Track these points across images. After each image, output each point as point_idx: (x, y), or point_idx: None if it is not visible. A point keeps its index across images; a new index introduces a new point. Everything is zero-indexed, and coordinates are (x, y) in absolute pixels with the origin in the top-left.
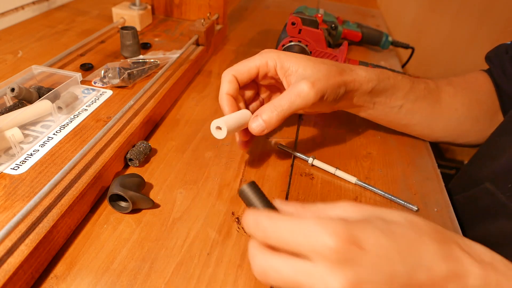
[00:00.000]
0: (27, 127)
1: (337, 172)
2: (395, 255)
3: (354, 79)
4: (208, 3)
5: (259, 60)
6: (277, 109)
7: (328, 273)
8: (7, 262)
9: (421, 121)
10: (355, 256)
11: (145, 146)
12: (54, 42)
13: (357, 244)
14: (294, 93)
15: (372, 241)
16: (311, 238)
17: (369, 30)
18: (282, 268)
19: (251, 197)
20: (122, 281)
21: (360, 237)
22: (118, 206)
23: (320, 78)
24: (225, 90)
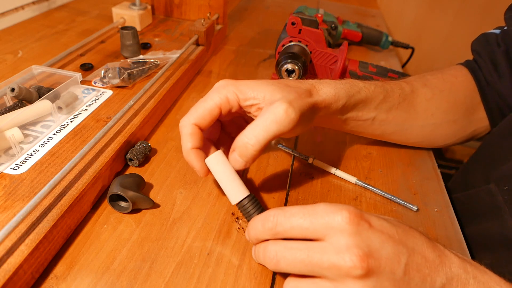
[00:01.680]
0: (27, 127)
1: (337, 172)
2: (396, 236)
3: (323, 99)
4: (208, 3)
5: (218, 98)
6: (251, 142)
7: (342, 242)
8: (7, 262)
9: (395, 130)
10: (366, 229)
11: (145, 146)
12: (54, 42)
13: (366, 220)
14: (270, 117)
15: (376, 221)
16: (325, 216)
17: (369, 30)
18: (297, 247)
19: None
20: (122, 281)
21: (366, 216)
22: (118, 206)
23: (294, 99)
24: (189, 145)
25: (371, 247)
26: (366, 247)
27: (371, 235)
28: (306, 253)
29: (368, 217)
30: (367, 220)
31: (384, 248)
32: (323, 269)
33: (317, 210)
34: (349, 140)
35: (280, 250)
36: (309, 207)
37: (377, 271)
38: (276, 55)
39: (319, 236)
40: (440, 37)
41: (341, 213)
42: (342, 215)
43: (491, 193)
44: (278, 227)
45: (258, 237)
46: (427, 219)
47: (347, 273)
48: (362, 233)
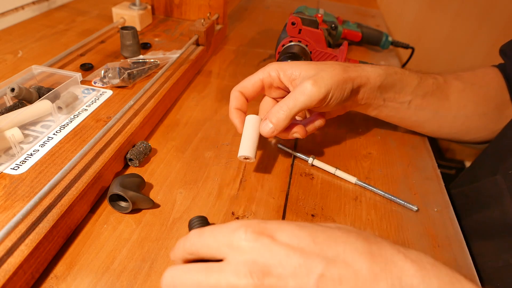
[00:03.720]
0: (27, 127)
1: (337, 172)
2: (311, 246)
3: (360, 75)
4: (208, 3)
5: (262, 73)
6: (282, 109)
7: (239, 259)
8: (7, 262)
9: (430, 118)
10: (266, 244)
11: (145, 146)
12: (54, 42)
13: (268, 234)
14: (298, 91)
15: (285, 233)
16: (227, 234)
17: (369, 30)
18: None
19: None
20: (122, 281)
21: (271, 229)
22: (118, 206)
23: (323, 76)
24: (233, 105)
25: (271, 263)
26: (264, 264)
27: (273, 249)
28: (204, 275)
29: (273, 231)
30: (270, 234)
31: (288, 262)
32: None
33: (223, 229)
34: (349, 140)
35: (177, 274)
36: (219, 227)
37: (279, 285)
38: (276, 55)
39: (222, 255)
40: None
41: (240, 230)
42: (240, 232)
43: (496, 184)
44: (192, 246)
45: (177, 257)
46: (427, 219)
47: None
48: (260, 249)
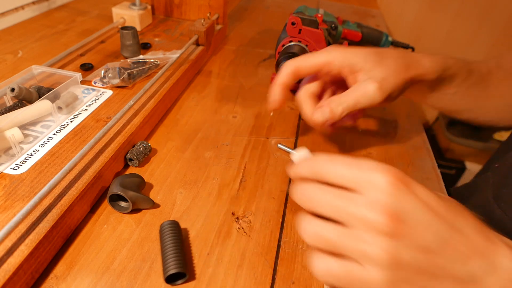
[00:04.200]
0: (27, 127)
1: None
2: (442, 212)
3: (421, 73)
4: (208, 3)
5: (325, 58)
6: (342, 104)
7: (376, 197)
8: (7, 262)
9: (470, 107)
10: (406, 194)
11: (145, 146)
12: (54, 42)
13: (408, 186)
14: (361, 91)
15: (423, 192)
16: (368, 172)
17: (369, 30)
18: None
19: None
20: (122, 281)
21: (413, 184)
22: (118, 206)
23: (387, 78)
24: (281, 80)
25: (406, 210)
26: (400, 209)
27: (410, 200)
28: (340, 200)
29: (412, 183)
30: (410, 185)
31: (420, 214)
32: (354, 220)
33: (362, 165)
34: (349, 140)
35: (316, 192)
36: (356, 160)
37: (407, 234)
38: (276, 55)
39: (357, 188)
40: (440, 37)
41: (385, 174)
42: (386, 176)
43: (487, 179)
44: (323, 170)
45: (301, 175)
46: None
47: (375, 228)
48: (400, 196)
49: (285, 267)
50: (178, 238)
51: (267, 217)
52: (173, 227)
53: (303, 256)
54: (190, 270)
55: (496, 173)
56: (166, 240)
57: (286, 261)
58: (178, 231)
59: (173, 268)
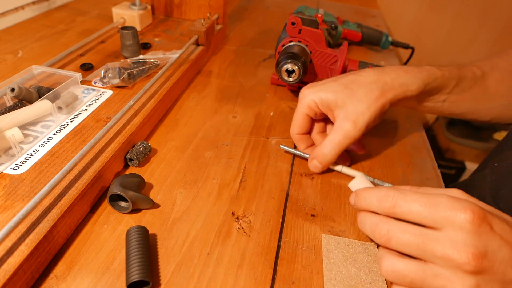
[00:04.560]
0: (27, 127)
1: (344, 169)
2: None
3: (397, 93)
4: (208, 3)
5: (302, 108)
6: (329, 154)
7: (460, 237)
8: (7, 262)
9: (465, 110)
10: (486, 232)
11: (145, 146)
12: (54, 42)
13: (488, 223)
14: (339, 133)
15: (499, 225)
16: (448, 210)
17: (369, 30)
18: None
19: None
20: (122, 281)
21: (490, 218)
22: (118, 206)
23: (362, 112)
24: (302, 148)
25: (488, 249)
26: (483, 247)
27: (491, 238)
28: (421, 239)
29: (491, 219)
30: (489, 222)
31: (501, 252)
32: (434, 258)
33: (439, 202)
34: None
35: (393, 229)
36: (431, 197)
37: (489, 271)
38: (276, 55)
39: (436, 226)
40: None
41: (465, 212)
42: (466, 214)
43: (484, 177)
44: (396, 208)
45: (368, 208)
46: None
47: (458, 266)
48: (482, 234)
49: (285, 267)
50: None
51: (267, 217)
52: (136, 233)
53: (303, 256)
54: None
55: (495, 171)
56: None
57: (286, 261)
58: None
59: (135, 275)
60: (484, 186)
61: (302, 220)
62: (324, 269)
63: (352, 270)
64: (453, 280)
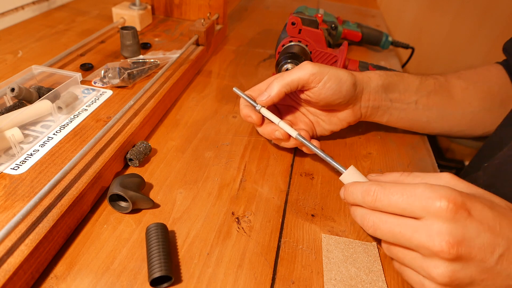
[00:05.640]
0: (27, 127)
1: (280, 123)
2: (497, 227)
3: (361, 74)
4: (208, 3)
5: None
6: (277, 80)
7: (435, 226)
8: (7, 262)
9: (438, 117)
10: (464, 218)
11: (145, 146)
12: (54, 42)
13: (466, 209)
14: (295, 68)
15: (478, 211)
16: (423, 200)
17: (369, 30)
18: (392, 222)
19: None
20: (122, 281)
21: (468, 204)
22: (118, 206)
23: (320, 64)
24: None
25: (465, 235)
26: (460, 235)
27: (468, 224)
28: (399, 228)
29: (470, 205)
30: (468, 208)
31: (479, 238)
32: (414, 246)
33: (416, 192)
34: (349, 140)
35: (376, 221)
36: (409, 187)
37: (466, 258)
38: (276, 55)
39: (415, 215)
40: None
41: (440, 200)
42: (441, 202)
43: (477, 179)
44: (377, 202)
45: (355, 202)
46: None
47: (434, 254)
48: (458, 221)
49: (285, 267)
50: (164, 240)
51: (267, 217)
52: (158, 230)
53: (303, 256)
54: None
55: (486, 172)
56: (151, 243)
57: (286, 261)
58: (164, 233)
59: (157, 271)
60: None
61: (302, 220)
62: (324, 269)
63: (352, 270)
64: (430, 267)
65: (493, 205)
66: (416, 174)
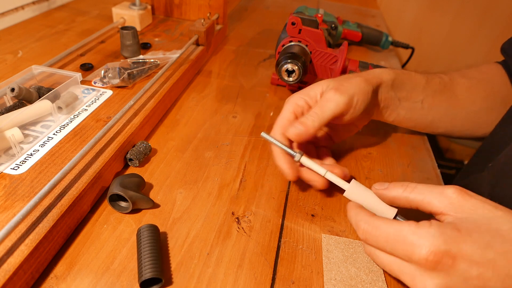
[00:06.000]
0: (27, 127)
1: (327, 174)
2: (491, 272)
3: (374, 75)
4: (208, 3)
5: (290, 106)
6: (312, 116)
7: (422, 274)
8: (7, 262)
9: (443, 116)
10: (446, 267)
11: (145, 146)
12: (54, 42)
13: (450, 256)
14: (324, 100)
15: (468, 256)
16: (407, 246)
17: (369, 30)
18: (383, 258)
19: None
20: (122, 281)
21: (454, 251)
22: (118, 206)
23: (342, 83)
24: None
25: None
26: (442, 285)
27: (452, 273)
28: (388, 266)
29: (456, 251)
30: (453, 256)
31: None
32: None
33: (400, 236)
34: (349, 140)
35: (371, 252)
36: (394, 228)
37: None
38: (276, 55)
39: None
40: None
41: (422, 250)
42: (422, 252)
43: (483, 179)
44: (367, 241)
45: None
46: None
47: None
48: (441, 271)
49: (285, 267)
50: (153, 242)
51: (267, 217)
52: (146, 232)
53: (303, 256)
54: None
55: (490, 172)
56: (140, 246)
57: (286, 261)
58: (153, 234)
59: (148, 273)
60: (482, 187)
61: (302, 220)
62: (324, 269)
63: (352, 270)
64: None
65: (492, 241)
66: (420, 189)
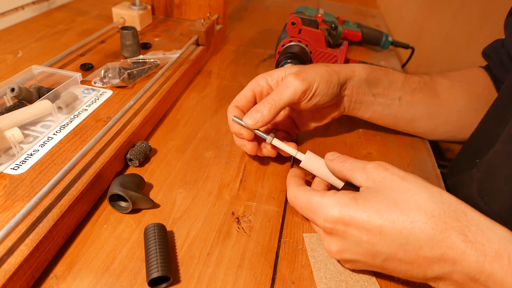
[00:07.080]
0: (27, 127)
1: (298, 154)
2: (378, 237)
3: (345, 69)
4: (208, 3)
5: (251, 84)
6: (268, 103)
7: (326, 237)
8: (7, 262)
9: (423, 115)
10: (340, 232)
11: (145, 146)
12: (54, 42)
13: (343, 223)
14: (282, 85)
15: (358, 223)
16: (312, 216)
17: (369, 30)
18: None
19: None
20: (122, 281)
21: (346, 218)
22: (118, 206)
23: (305, 70)
24: (231, 117)
25: (344, 246)
26: (339, 245)
27: (346, 237)
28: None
29: (348, 219)
30: (346, 222)
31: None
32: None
33: (309, 205)
34: (349, 140)
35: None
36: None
37: (353, 260)
38: (276, 55)
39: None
40: (440, 37)
41: (320, 217)
42: (320, 219)
43: (472, 176)
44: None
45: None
46: None
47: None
48: (336, 235)
49: (285, 267)
50: (162, 240)
51: (267, 217)
52: (156, 230)
53: (303, 256)
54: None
55: (480, 168)
56: (149, 244)
57: (286, 261)
58: (162, 233)
59: (155, 271)
60: (472, 184)
61: (302, 220)
62: (313, 268)
63: (339, 265)
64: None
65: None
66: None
